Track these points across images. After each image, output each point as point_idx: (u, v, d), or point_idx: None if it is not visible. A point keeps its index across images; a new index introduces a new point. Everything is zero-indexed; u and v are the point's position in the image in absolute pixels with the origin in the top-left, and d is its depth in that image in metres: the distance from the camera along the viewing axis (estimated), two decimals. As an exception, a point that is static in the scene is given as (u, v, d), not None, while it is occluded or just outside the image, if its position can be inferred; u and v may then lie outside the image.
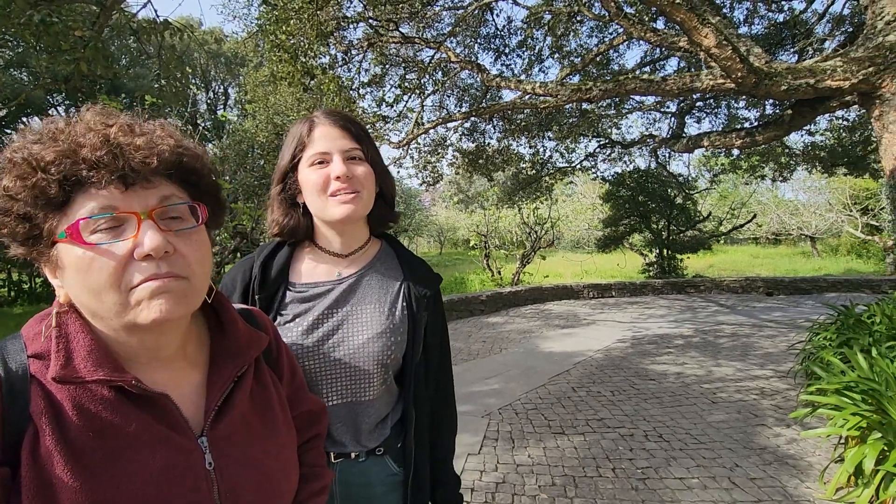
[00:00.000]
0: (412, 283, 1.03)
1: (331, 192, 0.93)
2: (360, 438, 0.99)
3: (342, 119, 0.97)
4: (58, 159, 0.51)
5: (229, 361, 0.67)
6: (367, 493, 1.00)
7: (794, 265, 16.91)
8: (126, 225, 0.54)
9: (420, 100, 7.14)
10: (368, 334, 0.97)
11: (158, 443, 0.57)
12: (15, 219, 0.51)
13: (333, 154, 0.93)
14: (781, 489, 2.85)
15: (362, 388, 0.97)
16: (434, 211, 33.78)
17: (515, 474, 3.08)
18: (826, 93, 4.19)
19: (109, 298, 0.53)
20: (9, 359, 0.54)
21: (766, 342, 6.44)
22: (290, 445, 0.73)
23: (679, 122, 8.51)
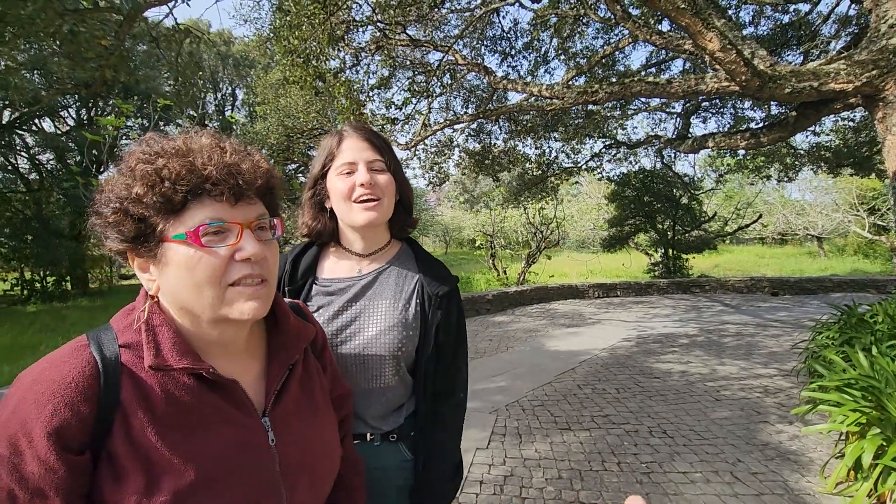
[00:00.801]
0: (426, 282, 1.12)
1: (355, 199, 1.03)
2: (373, 421, 1.08)
3: (368, 133, 1.08)
4: (186, 174, 0.61)
5: (283, 352, 0.77)
6: (383, 475, 1.08)
7: (800, 265, 16.88)
8: (229, 233, 0.64)
9: (427, 102, 7.23)
10: (381, 327, 1.06)
11: (229, 422, 0.66)
12: (131, 219, 0.61)
13: (359, 164, 1.04)
14: (783, 483, 2.92)
15: (374, 376, 1.06)
16: (439, 211, 33.86)
17: (523, 468, 3.16)
18: (830, 95, 4.25)
19: (209, 292, 0.63)
20: (104, 349, 0.62)
21: (770, 341, 6.49)
22: (332, 428, 0.83)
23: (684, 123, 8.56)
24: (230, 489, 0.62)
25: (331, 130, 4.42)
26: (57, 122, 15.70)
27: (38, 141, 14.27)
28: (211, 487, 0.61)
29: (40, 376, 0.58)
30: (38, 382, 0.58)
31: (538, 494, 2.84)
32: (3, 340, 7.64)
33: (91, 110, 15.71)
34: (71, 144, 13.66)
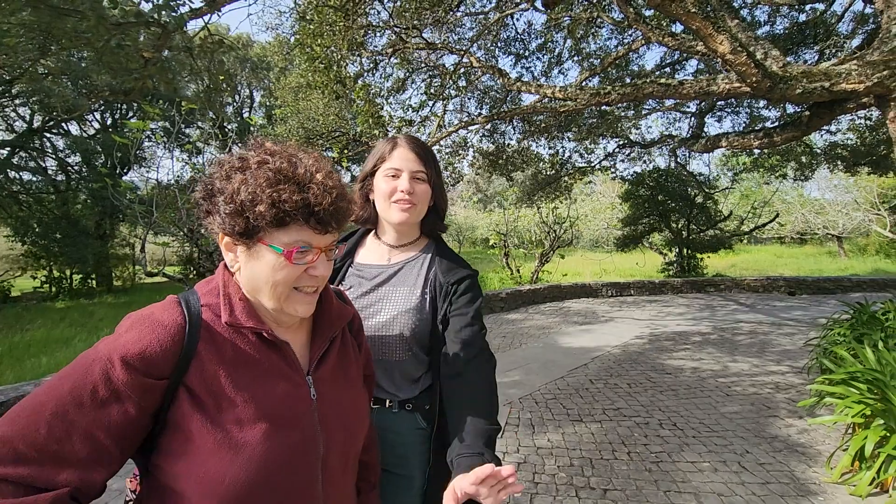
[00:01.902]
0: (440, 273, 1.28)
1: (394, 200, 1.22)
2: (391, 388, 1.25)
3: (418, 146, 1.25)
4: (301, 207, 0.78)
5: (326, 328, 0.94)
6: (399, 440, 1.24)
7: (819, 265, 16.64)
8: (309, 252, 0.82)
9: (443, 104, 7.39)
10: (398, 310, 1.23)
11: (281, 374, 0.83)
12: (244, 220, 0.77)
13: (404, 172, 1.22)
14: (789, 473, 3.02)
15: (390, 350, 1.23)
16: (453, 210, 34.01)
17: (536, 456, 3.31)
18: (841, 96, 4.29)
19: (281, 290, 0.81)
20: (191, 305, 0.80)
21: (784, 340, 6.52)
22: (363, 397, 1.00)
23: (699, 123, 8.57)
24: (279, 428, 0.78)
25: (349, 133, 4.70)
26: (83, 125, 16.23)
27: (67, 144, 14.77)
28: (264, 422, 0.77)
29: (143, 317, 0.76)
30: (140, 321, 0.75)
31: (550, 480, 2.98)
32: (39, 335, 8.00)
33: (116, 113, 16.21)
34: (97, 147, 14.12)
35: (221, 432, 0.74)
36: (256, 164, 0.79)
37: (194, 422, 0.73)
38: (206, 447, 0.73)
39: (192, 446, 0.73)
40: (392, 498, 1.25)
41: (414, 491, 1.26)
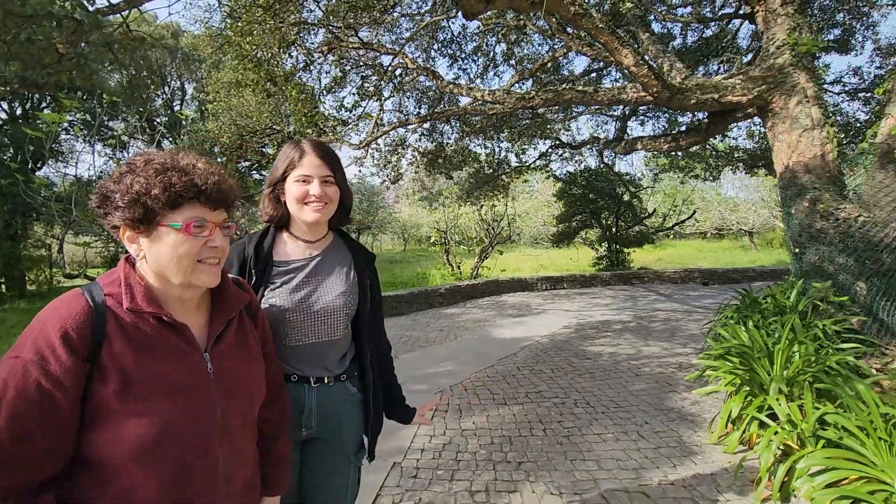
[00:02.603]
0: (357, 258, 1.54)
1: (306, 202, 1.39)
2: (331, 367, 1.45)
3: (324, 151, 1.42)
4: (190, 187, 0.93)
5: (223, 310, 1.09)
6: (337, 408, 1.45)
7: (733, 258, 18.25)
8: (206, 228, 0.97)
9: (379, 103, 7.50)
10: (335, 293, 1.44)
11: (181, 353, 0.97)
12: (142, 207, 0.91)
13: (314, 178, 1.38)
14: (678, 438, 3.44)
15: (332, 330, 1.43)
16: (398, 208, 33.96)
17: (461, 437, 3.54)
18: (729, 106, 4.87)
19: (186, 263, 0.95)
20: (95, 296, 0.93)
21: (692, 325, 7.20)
22: (260, 370, 1.16)
23: (622, 126, 9.23)
24: (178, 397, 0.93)
25: (284, 131, 4.77)
26: (-13, 115, 14.80)
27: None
28: (165, 393, 0.91)
29: (54, 310, 0.88)
30: (53, 314, 0.87)
31: (471, 457, 3.22)
32: (-63, 344, 7.32)
33: (27, 103, 14.92)
34: (5, 139, 12.95)
35: (129, 403, 0.87)
36: (143, 163, 0.94)
37: (106, 396, 0.86)
38: (117, 417, 0.86)
39: (105, 418, 0.86)
40: (329, 461, 1.46)
41: (347, 449, 1.48)
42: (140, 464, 0.87)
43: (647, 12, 6.99)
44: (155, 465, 0.88)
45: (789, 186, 4.61)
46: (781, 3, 4.68)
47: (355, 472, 1.53)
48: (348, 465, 1.49)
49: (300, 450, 1.44)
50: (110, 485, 0.87)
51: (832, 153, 4.45)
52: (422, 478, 2.96)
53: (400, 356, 5.78)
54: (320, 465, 1.44)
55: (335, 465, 1.46)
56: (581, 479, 2.91)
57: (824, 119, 4.54)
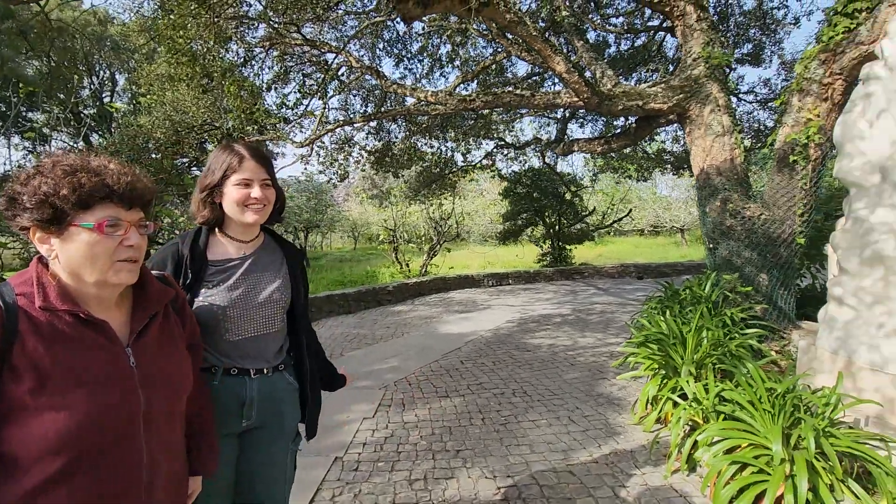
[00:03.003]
0: (288, 254, 1.63)
1: (246, 204, 1.45)
2: (270, 359, 1.53)
3: (260, 156, 1.48)
4: (101, 187, 0.96)
5: (146, 306, 1.13)
6: (276, 397, 1.54)
7: (666, 253, 19.45)
8: (121, 227, 1.00)
9: (323, 101, 7.43)
10: (272, 288, 1.52)
11: (101, 347, 1.00)
12: (51, 208, 0.93)
13: (255, 182, 1.44)
14: (605, 421, 3.71)
15: (270, 324, 1.51)
16: (347, 206, 33.45)
17: (402, 429, 3.65)
18: (652, 113, 5.26)
19: (101, 264, 0.98)
20: (5, 295, 0.94)
21: (625, 316, 7.67)
22: (186, 363, 1.20)
23: (562, 128, 9.64)
24: (97, 391, 0.96)
25: (223, 127, 4.68)
26: None
27: None
28: (84, 387, 0.94)
29: None
30: None
31: (412, 448, 3.34)
32: None
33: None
34: None
35: (45, 398, 0.89)
36: (51, 165, 0.96)
37: (20, 394, 0.88)
38: (33, 413, 0.89)
39: (18, 415, 0.88)
40: (269, 448, 1.54)
41: (285, 436, 1.57)
42: (58, 457, 0.90)
43: (583, 22, 7.36)
44: (74, 457, 0.91)
45: (704, 187, 5.05)
46: (697, 20, 5.10)
47: (292, 459, 1.62)
48: (287, 451, 1.58)
49: (238, 441, 1.50)
50: (26, 478, 0.89)
51: (740, 157, 4.92)
52: (363, 470, 3.04)
53: (346, 354, 5.80)
54: (260, 453, 1.52)
55: (275, 451, 1.55)
56: (514, 462, 3.09)
57: (733, 126, 5.00)
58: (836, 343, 3.19)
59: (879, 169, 2.99)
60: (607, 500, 2.64)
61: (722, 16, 8.52)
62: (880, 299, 2.91)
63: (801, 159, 4.38)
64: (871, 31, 3.84)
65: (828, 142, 4.28)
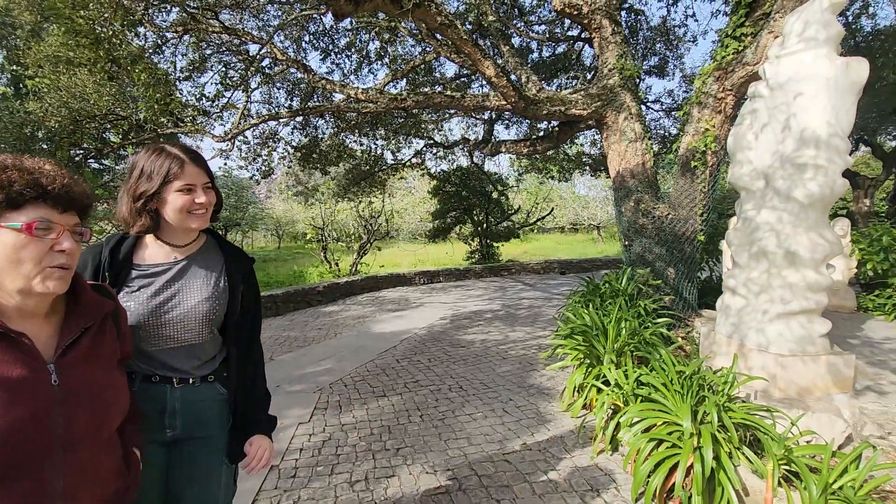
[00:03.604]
0: (231, 264, 1.53)
1: (190, 210, 1.38)
2: (194, 370, 1.44)
3: (199, 159, 1.41)
4: (33, 187, 0.88)
5: (78, 318, 1.05)
6: (202, 407, 1.45)
7: (585, 249, 20.73)
8: (53, 231, 0.92)
9: (246, 93, 7.06)
10: (198, 298, 1.42)
11: (17, 361, 0.92)
12: None
13: (198, 186, 1.38)
14: (536, 410, 3.92)
15: (194, 335, 1.42)
16: (271, 203, 31.96)
17: (340, 432, 3.61)
18: (573, 118, 5.61)
19: (27, 269, 0.90)
20: None
21: (552, 310, 8.10)
22: (119, 380, 1.13)
23: (488, 129, 9.93)
24: (12, 405, 0.88)
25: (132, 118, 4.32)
26: None
27: None
28: None
29: None
30: None
31: (351, 450, 3.32)
32: None
33: None
34: None
35: None
36: None
37: None
38: None
39: None
40: (199, 461, 1.45)
41: (217, 449, 1.49)
42: None
43: (507, 27, 7.63)
44: None
45: (620, 189, 5.47)
46: (612, 33, 5.51)
47: (229, 472, 1.53)
48: (220, 464, 1.49)
49: (167, 452, 1.43)
50: None
51: (650, 162, 5.40)
52: (301, 476, 2.98)
53: (276, 358, 5.59)
54: (190, 466, 1.44)
55: (206, 464, 1.47)
56: (454, 455, 3.19)
57: (644, 133, 5.47)
58: (731, 328, 3.63)
59: (764, 176, 3.44)
60: (541, 484, 2.81)
61: (632, 30, 9.23)
62: (765, 289, 3.35)
63: (700, 165, 4.90)
64: (755, 53, 4.38)
65: (722, 150, 4.84)
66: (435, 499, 2.70)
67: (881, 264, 6.38)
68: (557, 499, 2.66)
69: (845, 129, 3.06)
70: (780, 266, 3.25)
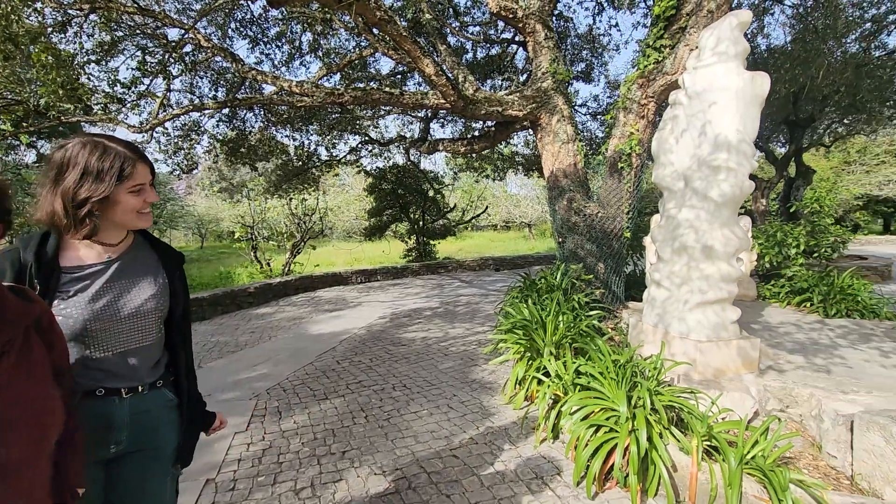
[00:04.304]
0: (166, 261, 1.46)
1: (141, 211, 1.32)
2: (144, 376, 1.36)
3: (146, 157, 1.34)
4: None
5: (2, 330, 0.94)
6: (152, 416, 1.37)
7: (517, 246, 21.42)
8: None
9: (166, 81, 6.52)
10: (144, 297, 1.35)
11: None
12: None
13: (146, 185, 1.31)
14: (480, 404, 4.00)
15: (143, 336, 1.34)
16: (191, 200, 29.91)
17: (281, 439, 3.47)
18: (509, 118, 5.77)
19: None
20: None
21: (489, 306, 8.29)
22: (52, 395, 1.01)
23: (425, 127, 9.94)
24: None
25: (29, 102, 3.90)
26: None
27: None
28: None
29: None
30: None
31: (294, 456, 3.21)
32: None
33: None
34: None
35: None
36: None
37: None
38: None
39: None
40: (146, 473, 1.36)
41: (166, 457, 1.41)
42: None
43: (443, 26, 7.68)
44: None
45: (553, 188, 5.71)
46: (545, 38, 5.73)
47: (173, 484, 1.47)
48: (167, 475, 1.42)
49: (105, 469, 1.31)
50: None
51: (581, 163, 5.68)
52: (240, 489, 2.84)
53: (205, 365, 5.26)
54: (136, 479, 1.34)
55: (153, 476, 1.39)
56: (401, 455, 3.18)
57: (575, 135, 5.75)
58: (656, 318, 3.92)
59: (683, 177, 3.75)
60: (489, 476, 2.88)
61: (561, 36, 9.65)
62: (686, 281, 3.66)
63: (626, 166, 5.24)
64: (674, 64, 4.75)
65: (646, 152, 5.20)
66: (385, 499, 2.68)
67: (776, 257, 7.18)
68: (505, 488, 2.75)
69: (751, 135, 3.41)
70: (698, 259, 3.56)
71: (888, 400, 2.92)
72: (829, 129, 13.50)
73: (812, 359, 4.08)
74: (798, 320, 5.75)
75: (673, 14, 4.80)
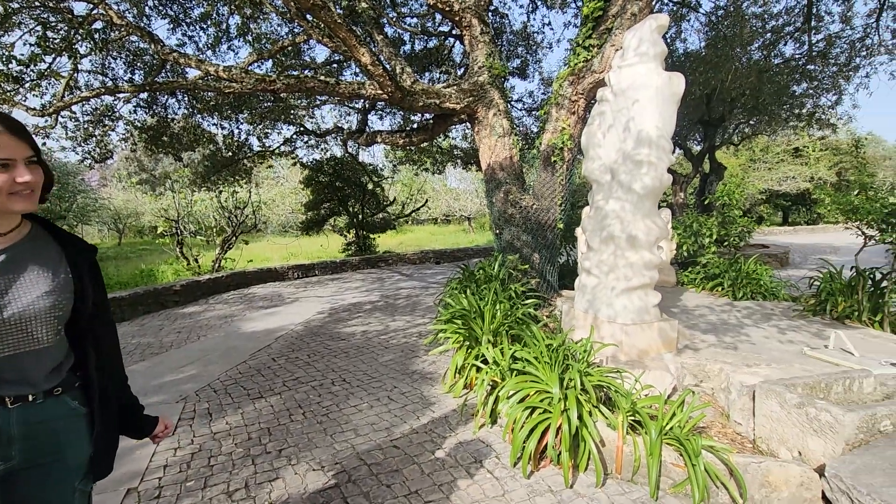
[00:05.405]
0: (73, 253, 1.31)
1: (11, 192, 1.13)
2: (36, 383, 1.20)
3: (21, 129, 1.15)
4: None
5: None
6: (48, 428, 1.22)
7: (457, 239, 21.66)
8: None
9: (74, 61, 5.92)
10: (37, 293, 1.18)
11: None
12: None
13: (18, 161, 1.13)
14: (420, 394, 4.03)
15: (35, 338, 1.18)
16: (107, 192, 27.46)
17: (212, 441, 3.31)
18: (447, 111, 5.81)
19: None
20: None
21: (429, 299, 8.33)
22: None
23: (363, 118, 9.77)
24: None
25: None
26: None
27: None
28: None
29: None
30: None
31: (227, 458, 3.07)
32: None
33: None
34: None
35: None
36: None
37: None
38: None
39: None
40: (46, 491, 1.22)
41: (72, 471, 1.27)
42: None
43: (380, 16, 7.57)
44: None
45: (490, 181, 5.83)
46: (481, 32, 5.81)
47: (83, 499, 1.33)
48: (73, 493, 1.28)
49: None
50: None
51: (517, 156, 5.84)
52: (167, 496, 2.68)
53: (127, 368, 4.87)
54: (34, 499, 1.21)
55: (55, 493, 1.24)
56: (341, 449, 3.14)
57: (512, 129, 5.90)
58: (586, 304, 4.13)
59: (610, 170, 3.97)
60: (429, 463, 2.92)
61: (497, 32, 9.82)
62: (613, 268, 3.88)
63: (559, 160, 5.45)
64: (601, 63, 4.99)
65: (577, 147, 5.44)
66: (324, 495, 2.64)
67: (692, 246, 7.79)
68: (445, 474, 2.79)
69: (669, 132, 3.66)
70: (623, 248, 3.79)
71: (784, 370, 3.28)
72: (738, 129, 14.78)
73: (722, 337, 4.48)
74: (711, 303, 6.27)
75: (600, 15, 5.04)
